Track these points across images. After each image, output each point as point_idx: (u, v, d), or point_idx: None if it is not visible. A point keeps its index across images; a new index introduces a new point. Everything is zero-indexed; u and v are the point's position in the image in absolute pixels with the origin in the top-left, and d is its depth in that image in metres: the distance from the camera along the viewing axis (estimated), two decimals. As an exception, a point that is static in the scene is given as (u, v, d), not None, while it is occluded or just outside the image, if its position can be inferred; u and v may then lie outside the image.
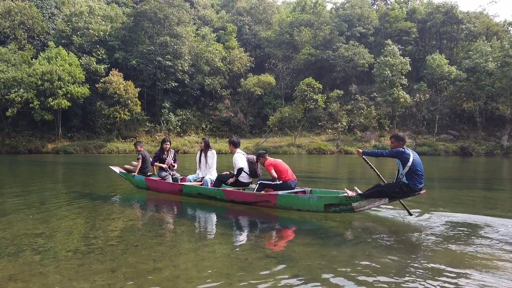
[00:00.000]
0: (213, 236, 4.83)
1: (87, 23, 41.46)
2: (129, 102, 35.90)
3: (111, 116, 35.45)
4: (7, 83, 32.44)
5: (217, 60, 44.46)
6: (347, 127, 39.07)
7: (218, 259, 3.82)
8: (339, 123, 37.69)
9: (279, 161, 7.12)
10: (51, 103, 32.90)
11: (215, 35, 49.58)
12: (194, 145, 36.19)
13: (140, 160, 9.01)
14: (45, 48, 38.13)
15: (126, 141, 36.84)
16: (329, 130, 39.91)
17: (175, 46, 40.79)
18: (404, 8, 51.79)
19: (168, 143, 8.92)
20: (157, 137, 38.72)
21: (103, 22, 42.93)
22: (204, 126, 43.10)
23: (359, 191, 5.94)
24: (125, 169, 9.40)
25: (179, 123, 41.77)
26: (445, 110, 40.59)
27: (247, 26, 53.79)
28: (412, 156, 5.44)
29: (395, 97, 37.57)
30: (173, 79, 41.51)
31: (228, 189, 7.23)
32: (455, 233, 4.81)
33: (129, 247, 4.17)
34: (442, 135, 38.43)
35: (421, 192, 5.57)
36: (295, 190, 6.98)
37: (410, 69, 39.97)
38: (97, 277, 3.28)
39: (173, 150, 9.04)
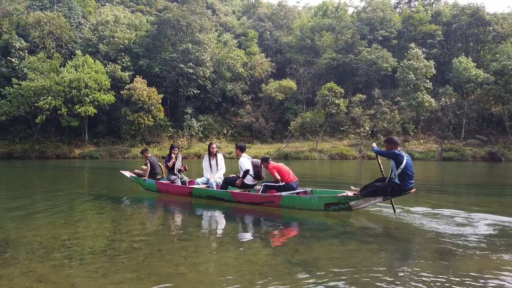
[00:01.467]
0: (233, 240, 4.85)
1: (113, 31, 42.70)
2: (153, 108, 36.60)
3: (136, 122, 36.20)
4: (36, 91, 33.68)
5: (238, 66, 44.82)
6: (370, 132, 38.47)
7: (240, 264, 3.82)
8: (362, 128, 37.17)
9: (281, 164, 7.76)
10: (78, 110, 33.92)
11: (236, 41, 50.02)
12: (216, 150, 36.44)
13: (149, 165, 9.70)
14: (72, 56, 39.44)
15: (150, 146, 37.49)
16: (352, 135, 39.36)
17: (197, 53, 41.38)
18: (428, 10, 50.79)
19: (176, 149, 9.33)
20: (179, 142, 39.21)
21: (128, 31, 44.09)
22: (225, 132, 43.41)
23: (353, 191, 6.59)
24: (135, 173, 9.97)
25: (201, 129, 42.24)
26: (472, 114, 39.40)
27: (268, 32, 54.03)
28: (406, 158, 6.04)
29: (419, 101, 36.79)
30: (195, 86, 42.09)
31: (235, 191, 7.73)
32: (481, 235, 4.65)
33: (153, 251, 4.23)
34: (469, 140, 37.25)
35: (411, 191, 6.13)
36: (297, 190, 7.52)
37: (435, 72, 39.07)
38: (122, 280, 3.35)
39: (181, 155, 9.50)
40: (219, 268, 3.68)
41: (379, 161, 6.82)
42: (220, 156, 8.86)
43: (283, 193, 7.18)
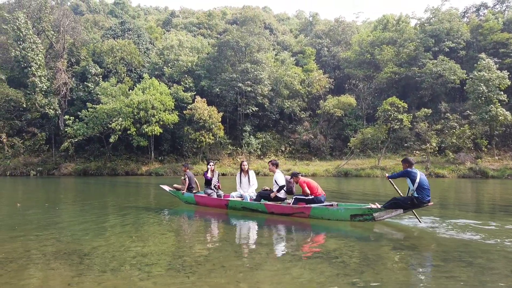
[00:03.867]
0: (292, 257, 4.75)
1: (177, 55, 45.28)
2: (213, 126, 37.81)
3: (197, 140, 37.59)
4: (108, 113, 36.48)
5: (296, 83, 44.99)
6: (437, 148, 36.21)
7: (301, 284, 3.74)
8: (428, 144, 35.13)
9: (310, 179, 8.50)
10: (145, 130, 36.06)
11: (293, 59, 50.42)
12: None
13: (187, 180, 10.57)
14: (140, 79, 42.27)
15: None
16: (417, 152, 37.31)
17: (255, 72, 42.27)
18: (499, 18, 47.39)
19: (212, 164, 10.32)
20: (238, 159, 39.94)
21: (191, 54, 46.49)
22: (283, 149, 43.45)
23: (379, 205, 7.23)
24: (174, 187, 10.95)
25: (259, 146, 42.69)
26: (556, 128, 35.57)
27: (325, 48, 53.81)
28: (419, 175, 6.87)
29: (492, 114, 34.01)
30: (253, 104, 42.88)
31: (269, 203, 8.52)
32: None
33: (216, 267, 4.31)
34: (554, 156, 33.55)
35: (429, 204, 6.82)
36: (325, 203, 8.18)
37: (510, 83, 36.06)
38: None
39: (217, 171, 10.37)
40: (279, 287, 3.63)
41: (395, 185, 7.52)
42: (252, 173, 9.57)
43: (313, 205, 7.85)
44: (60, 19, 44.06)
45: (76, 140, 37.74)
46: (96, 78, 42.58)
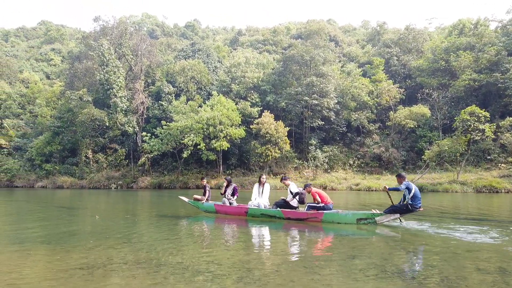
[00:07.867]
0: (363, 275, 4.54)
1: (243, 72, 46.63)
2: (279, 140, 38.03)
3: (263, 154, 38.05)
4: (181, 129, 38.50)
5: (363, 94, 43.75)
6: (526, 160, 32.60)
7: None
8: (515, 156, 31.76)
9: (321, 190, 10.07)
10: (214, 145, 37.41)
11: (360, 70, 49.20)
12: (342, 182, 35.57)
13: (207, 191, 12.16)
14: (209, 97, 44.15)
15: (277, 177, 38.69)
16: (503, 165, 33.91)
17: (321, 85, 41.91)
18: None
19: (226, 181, 12.13)
20: (304, 173, 39.59)
21: (257, 70, 47.58)
22: (351, 162, 42.16)
23: (378, 211, 8.91)
24: (195, 198, 12.23)
25: (326, 160, 41.94)
26: None
27: (395, 57, 51.71)
28: (414, 186, 8.62)
29: None
30: (320, 117, 42.44)
31: (285, 210, 9.88)
32: None
33: (285, 281, 4.29)
34: None
35: (420, 209, 8.55)
36: (332, 210, 9.58)
37: None
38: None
39: (234, 185, 11.98)
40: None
41: (390, 195, 9.05)
42: (267, 185, 11.12)
43: (325, 211, 9.31)
44: (138, 44, 47.90)
45: (152, 155, 40.32)
46: (169, 96, 45.31)
